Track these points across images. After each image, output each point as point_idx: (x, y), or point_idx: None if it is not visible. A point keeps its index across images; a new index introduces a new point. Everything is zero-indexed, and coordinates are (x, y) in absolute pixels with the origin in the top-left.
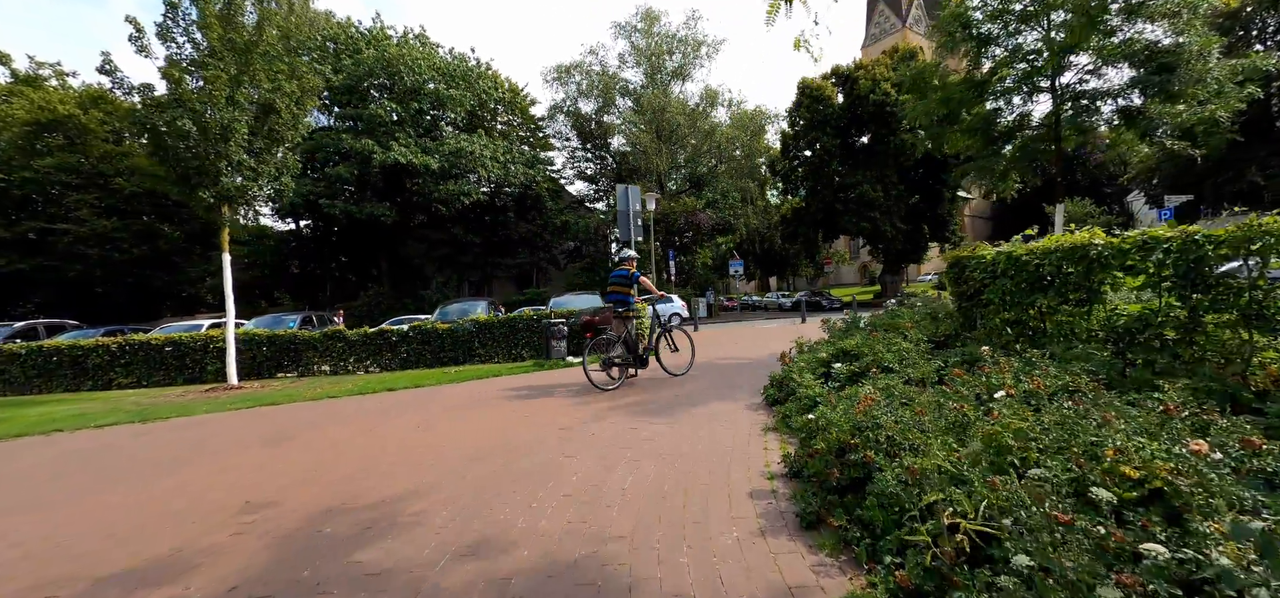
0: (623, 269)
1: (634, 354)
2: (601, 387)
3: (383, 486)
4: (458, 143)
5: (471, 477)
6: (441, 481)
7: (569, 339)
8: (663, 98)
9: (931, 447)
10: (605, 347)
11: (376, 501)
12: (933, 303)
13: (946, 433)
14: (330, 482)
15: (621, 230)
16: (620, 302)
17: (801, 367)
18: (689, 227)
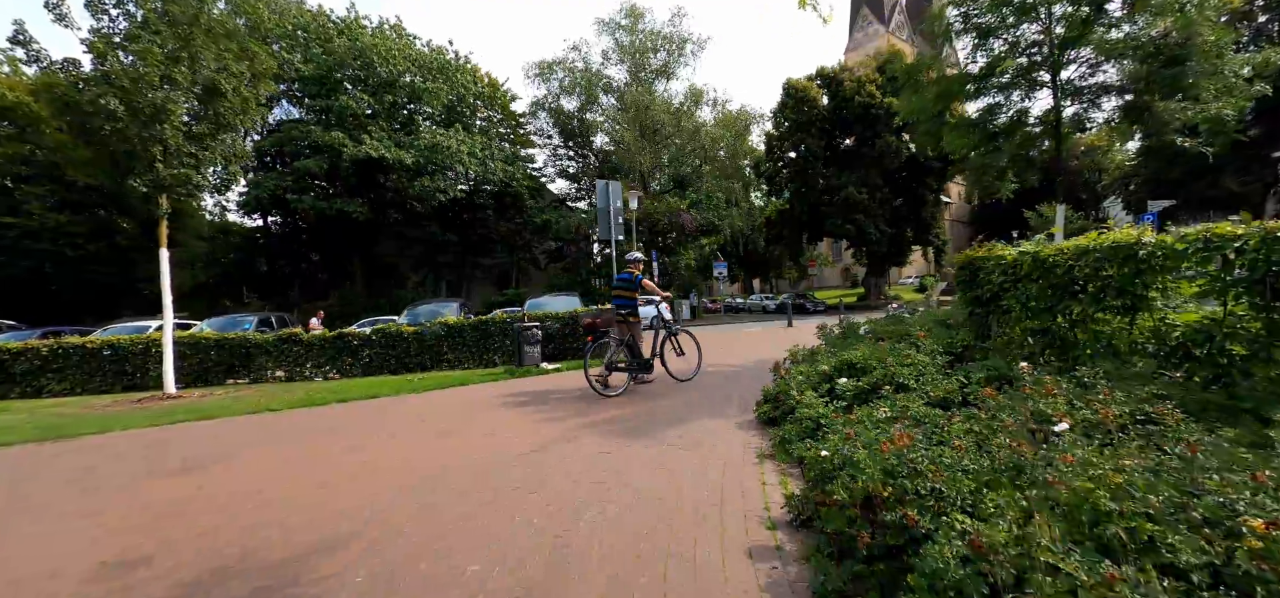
0: (627, 272)
1: (638, 359)
2: (603, 392)
3: (294, 534)
4: (434, 137)
5: (406, 521)
6: (368, 526)
7: (544, 344)
8: (647, 95)
9: (989, 503)
10: (604, 351)
11: (280, 558)
12: (938, 309)
13: (1000, 481)
14: (229, 530)
15: (601, 228)
16: (624, 305)
17: (799, 380)
18: (672, 227)
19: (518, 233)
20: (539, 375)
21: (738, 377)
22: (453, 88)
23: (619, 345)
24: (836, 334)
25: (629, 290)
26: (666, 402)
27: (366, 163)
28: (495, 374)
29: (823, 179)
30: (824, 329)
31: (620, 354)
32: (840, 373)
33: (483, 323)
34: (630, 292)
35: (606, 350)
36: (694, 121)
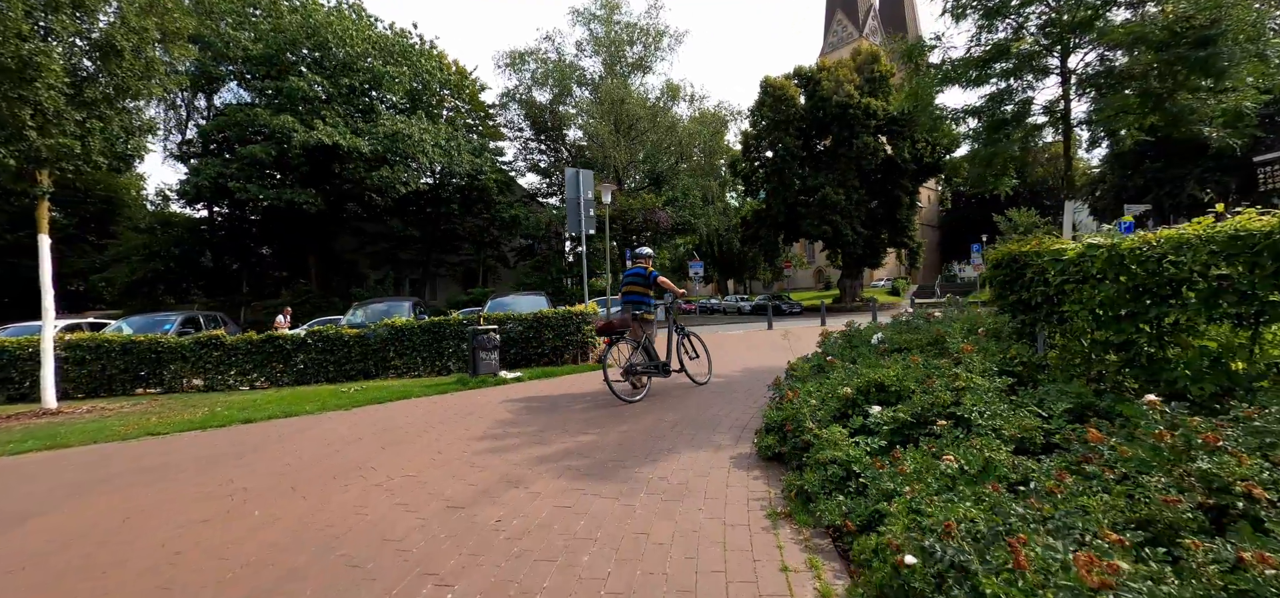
0: (639, 267)
1: (654, 361)
2: (624, 398)
3: None
4: (394, 125)
5: None
6: None
7: (505, 350)
8: (622, 88)
9: None
10: (626, 352)
11: None
12: (973, 314)
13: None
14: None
15: (570, 222)
16: (638, 303)
17: (813, 405)
18: (647, 225)
19: (485, 229)
20: (496, 386)
21: (726, 391)
22: (416, 74)
23: (636, 347)
24: (841, 343)
25: (643, 286)
26: (642, 423)
27: (320, 150)
28: (446, 384)
29: (799, 180)
30: (826, 336)
31: (638, 356)
32: (867, 397)
33: (436, 325)
34: (644, 287)
35: (624, 353)
36: (670, 117)
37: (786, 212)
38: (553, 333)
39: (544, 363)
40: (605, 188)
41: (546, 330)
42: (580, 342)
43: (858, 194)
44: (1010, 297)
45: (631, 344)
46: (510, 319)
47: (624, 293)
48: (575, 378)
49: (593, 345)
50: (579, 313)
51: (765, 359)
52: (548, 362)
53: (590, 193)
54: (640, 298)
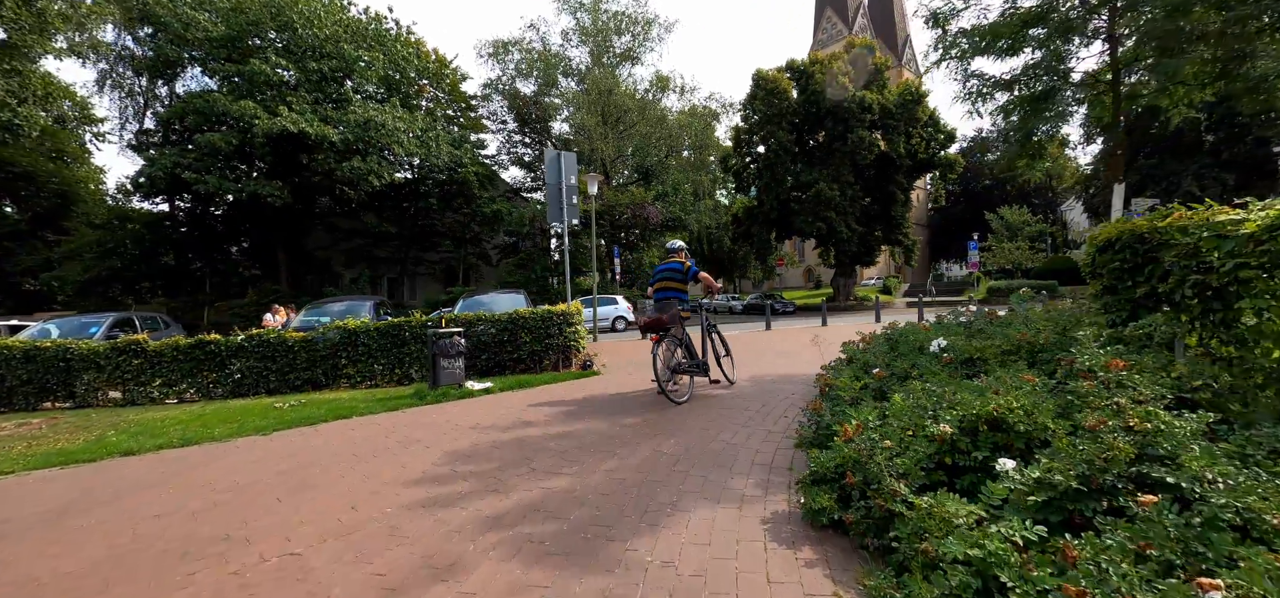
0: (675, 261)
1: (694, 359)
2: (675, 399)
3: None
4: (366, 113)
5: None
6: None
7: (475, 355)
8: (610, 79)
9: None
10: (672, 351)
11: None
12: (1059, 311)
13: None
14: None
15: (550, 211)
16: (674, 298)
17: (887, 446)
18: (636, 221)
19: (465, 225)
20: (461, 400)
21: (736, 407)
22: (391, 61)
23: (678, 345)
24: (885, 350)
25: (679, 281)
26: (635, 456)
27: (286, 139)
28: (401, 398)
29: (792, 176)
30: (858, 344)
31: (682, 354)
32: (978, 440)
33: (395, 327)
34: (680, 283)
35: (672, 351)
36: (660, 110)
37: (779, 208)
38: (530, 336)
39: (520, 370)
40: (591, 178)
41: (523, 333)
42: (561, 345)
43: (852, 190)
44: (1134, 288)
45: (675, 340)
46: (481, 321)
47: (658, 288)
48: (554, 389)
49: (576, 350)
50: (561, 313)
51: (773, 365)
52: (525, 368)
53: (573, 178)
54: (676, 293)
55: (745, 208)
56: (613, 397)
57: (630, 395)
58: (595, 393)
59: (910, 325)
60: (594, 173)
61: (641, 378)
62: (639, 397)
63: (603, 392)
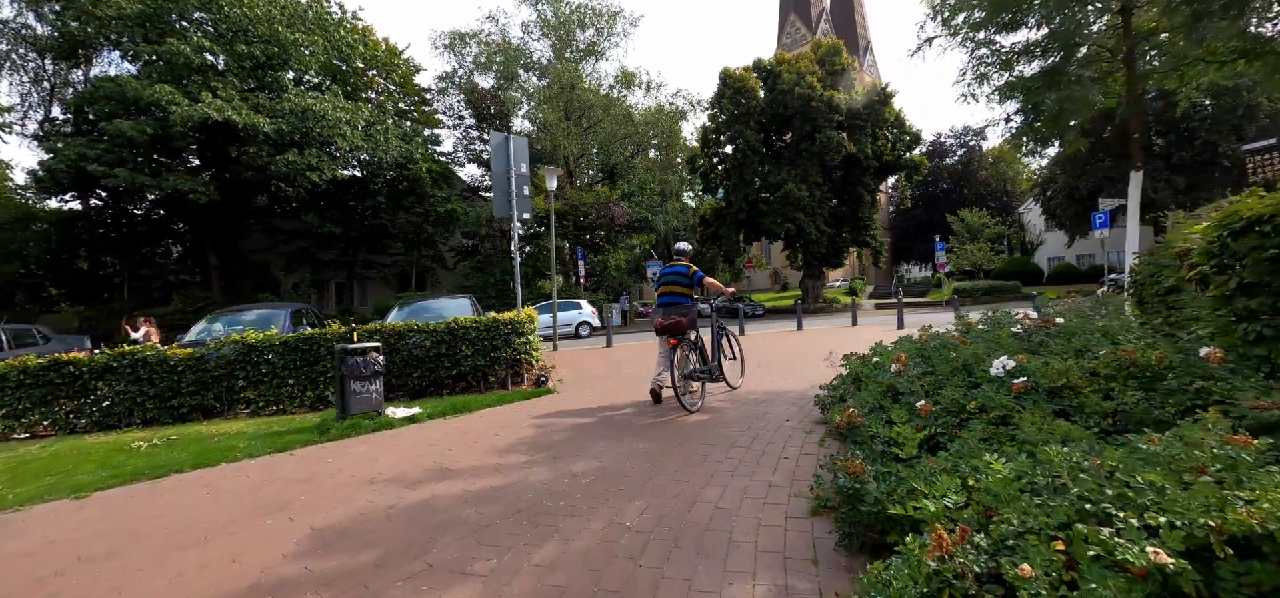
0: (681, 265)
1: (706, 364)
2: (690, 408)
3: None
4: (303, 102)
5: None
6: None
7: (404, 373)
8: (573, 73)
9: None
10: (687, 357)
11: None
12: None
13: None
14: None
15: (497, 202)
16: (682, 304)
17: (1032, 587)
18: (601, 221)
19: (418, 225)
20: (375, 433)
21: (717, 437)
22: (334, 47)
23: (693, 350)
24: (919, 368)
25: (684, 286)
26: (582, 536)
27: (213, 130)
28: (299, 432)
29: (760, 177)
30: (867, 361)
31: (694, 360)
32: (1211, 568)
33: (307, 342)
34: (686, 288)
35: (690, 361)
36: (625, 106)
37: (747, 209)
38: (473, 349)
39: (461, 389)
40: (550, 172)
41: (464, 346)
42: (511, 359)
43: (820, 191)
44: (1257, 293)
45: (691, 347)
46: (413, 332)
47: (662, 293)
48: (497, 414)
49: (528, 364)
50: (509, 322)
51: (755, 379)
52: (467, 387)
53: (525, 166)
54: (681, 299)
55: (713, 209)
56: (566, 427)
57: (588, 424)
58: (545, 420)
59: (940, 335)
60: (553, 168)
61: (604, 395)
62: (598, 425)
63: (555, 418)
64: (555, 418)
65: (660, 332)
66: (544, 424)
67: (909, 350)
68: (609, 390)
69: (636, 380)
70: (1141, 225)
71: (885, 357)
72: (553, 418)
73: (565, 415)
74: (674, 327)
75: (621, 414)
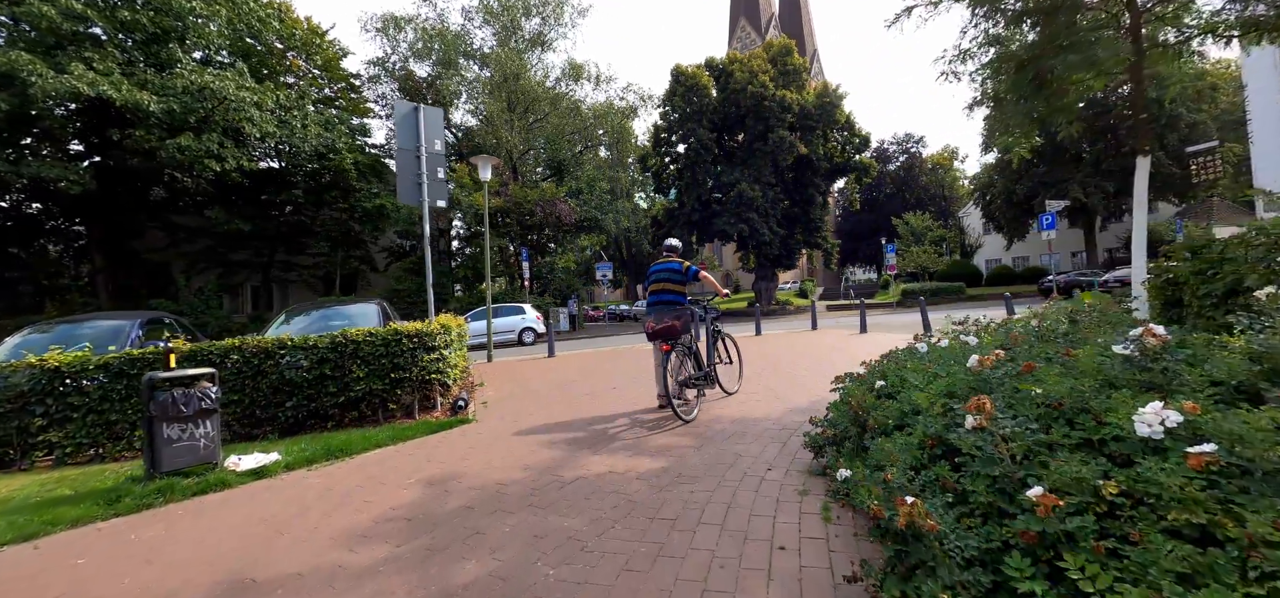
0: (672, 261)
1: (701, 369)
2: (685, 418)
3: None
4: (201, 79)
5: None
6: None
7: (273, 404)
8: (517, 63)
9: None
10: (682, 362)
11: None
12: None
13: None
14: None
15: (402, 187)
16: (672, 304)
17: None
18: (547, 220)
19: (344, 223)
20: (201, 497)
21: (671, 503)
22: (242, 20)
23: (687, 355)
24: (1004, 407)
25: (677, 284)
26: None
27: (91, 109)
28: (88, 495)
29: (712, 177)
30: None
31: (690, 365)
32: None
33: (132, 362)
34: (679, 286)
35: (685, 367)
36: (573, 100)
37: (700, 209)
38: (367, 369)
39: (352, 421)
40: (483, 162)
41: (355, 366)
42: (419, 380)
43: (773, 191)
44: None
45: (685, 352)
46: (288, 349)
47: (653, 292)
48: (385, 459)
49: (443, 386)
50: (416, 334)
51: (727, 402)
52: (362, 417)
53: (439, 143)
54: (675, 298)
55: (665, 209)
56: (467, 488)
57: (499, 481)
58: (444, 474)
59: (959, 349)
60: (488, 157)
61: (534, 424)
62: (513, 484)
63: (458, 468)
64: (458, 468)
65: (653, 337)
66: (439, 482)
67: (937, 372)
68: (542, 415)
69: (578, 401)
70: (1073, 229)
71: (896, 380)
72: (455, 468)
73: (472, 462)
74: (667, 331)
75: (550, 460)
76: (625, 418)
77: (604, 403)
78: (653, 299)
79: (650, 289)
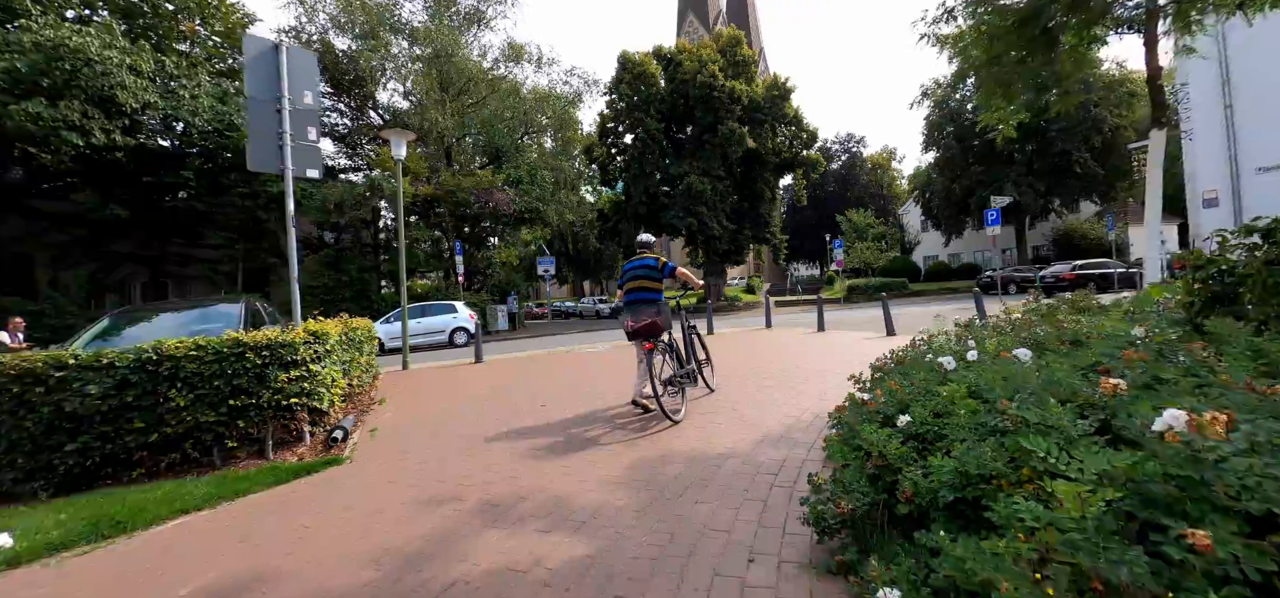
0: (649, 257)
1: (684, 368)
2: (674, 418)
3: None
4: (57, 34)
5: None
6: None
7: (19, 454)
8: (451, 39)
9: None
10: (664, 361)
11: None
12: None
13: None
14: None
15: (254, 150)
16: (648, 302)
17: None
18: (484, 211)
19: (248, 211)
20: None
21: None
22: None
23: (669, 352)
24: None
25: (653, 281)
26: None
27: None
28: None
29: (661, 170)
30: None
31: (672, 363)
32: None
33: None
34: (655, 282)
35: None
36: (512, 83)
37: (648, 203)
38: (192, 395)
39: (170, 469)
40: (397, 138)
41: (175, 390)
42: (273, 407)
43: (722, 185)
44: None
45: (667, 350)
46: (66, 368)
47: (629, 290)
48: (181, 539)
49: (310, 414)
50: (267, 346)
51: (674, 434)
52: (181, 465)
53: (311, 95)
54: (651, 295)
55: (612, 203)
56: None
57: (343, 589)
58: (261, 562)
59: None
60: (401, 132)
61: (432, 466)
62: (362, 587)
63: (290, 550)
64: (277, 560)
65: (633, 336)
66: (230, 592)
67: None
68: (442, 449)
69: (494, 423)
70: (1005, 227)
71: (929, 418)
72: (272, 559)
73: (310, 546)
74: (649, 328)
75: (425, 538)
76: (548, 453)
77: (527, 427)
78: (630, 297)
79: (627, 287)
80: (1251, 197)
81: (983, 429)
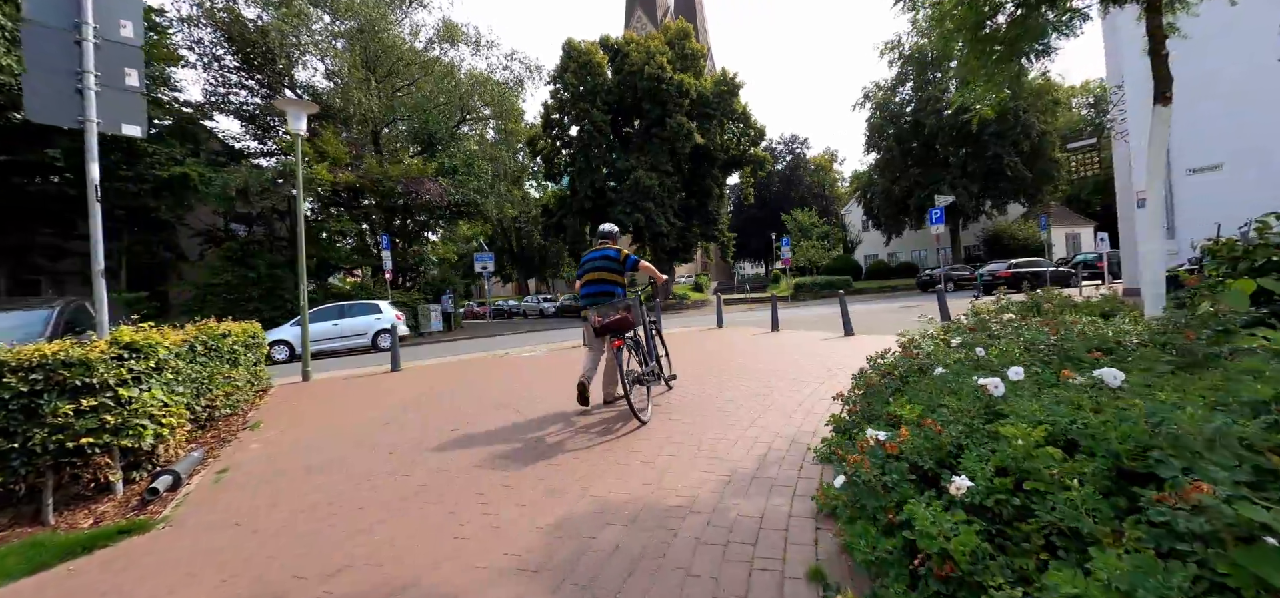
0: (609, 248)
1: (649, 364)
2: (643, 418)
3: None
4: None
5: None
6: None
7: None
8: (378, 13)
9: None
10: (631, 357)
11: None
12: None
13: None
14: None
15: (32, 93)
16: (608, 294)
17: None
18: (416, 202)
19: (135, 196)
20: None
21: None
22: None
23: (636, 348)
24: None
25: (614, 273)
26: None
27: None
28: None
29: (607, 164)
30: None
31: (636, 360)
32: None
33: None
34: (617, 276)
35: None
36: (447, 65)
37: (594, 198)
38: None
39: None
40: (295, 111)
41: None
42: (47, 450)
43: (671, 181)
44: None
45: (634, 346)
46: None
47: (587, 282)
48: None
49: (121, 457)
50: (43, 366)
51: (616, 475)
52: None
53: (131, 27)
54: (611, 287)
55: (557, 197)
56: None
57: None
58: None
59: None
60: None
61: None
62: None
63: None
64: None
65: (600, 332)
66: None
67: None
68: (308, 502)
69: (394, 460)
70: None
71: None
72: None
73: None
74: (619, 325)
75: None
76: (445, 510)
77: (429, 463)
78: (589, 291)
79: (585, 280)
80: (1181, 197)
81: (1116, 509)
